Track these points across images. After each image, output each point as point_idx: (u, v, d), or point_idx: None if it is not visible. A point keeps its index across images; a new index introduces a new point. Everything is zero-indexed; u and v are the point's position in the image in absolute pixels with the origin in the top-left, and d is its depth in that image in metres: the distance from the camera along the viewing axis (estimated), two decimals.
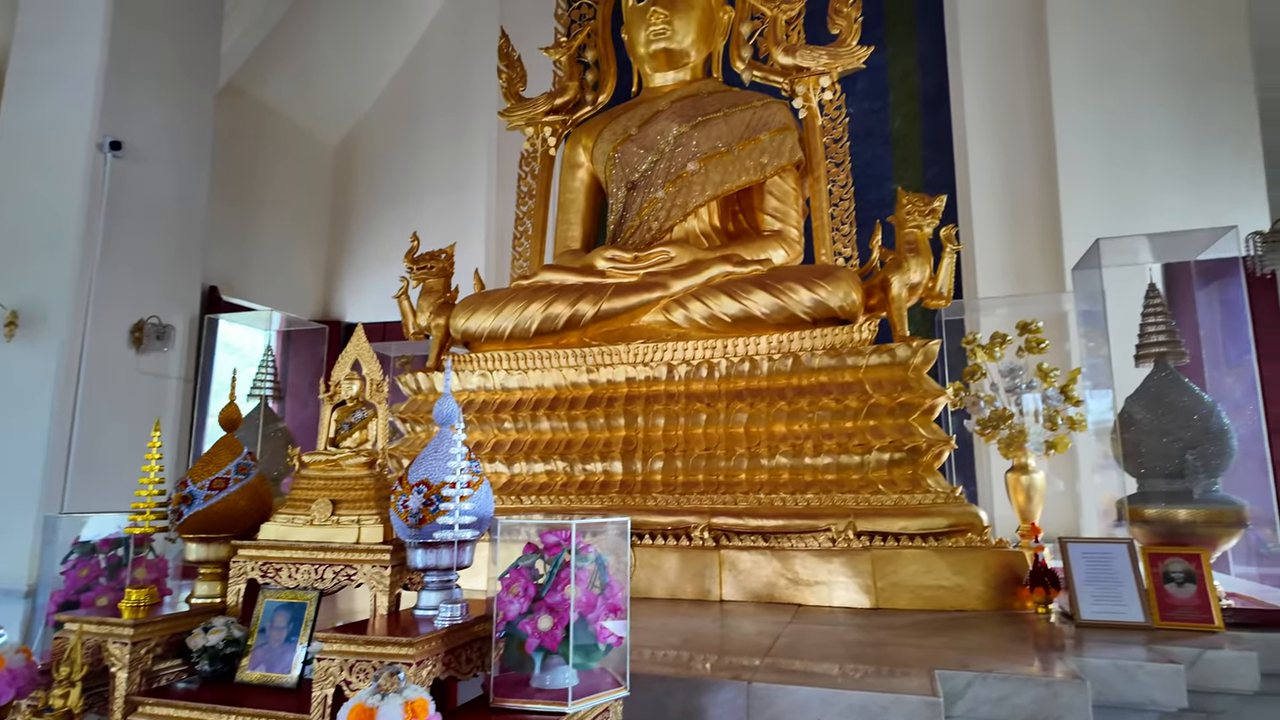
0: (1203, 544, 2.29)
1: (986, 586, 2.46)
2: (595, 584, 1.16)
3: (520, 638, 1.12)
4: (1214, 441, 2.31)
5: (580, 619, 1.13)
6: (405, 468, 1.36)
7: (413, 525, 1.23)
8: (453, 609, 1.19)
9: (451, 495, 1.21)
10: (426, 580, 1.30)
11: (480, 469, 1.35)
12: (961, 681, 1.65)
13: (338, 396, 1.50)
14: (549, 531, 1.18)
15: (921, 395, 2.78)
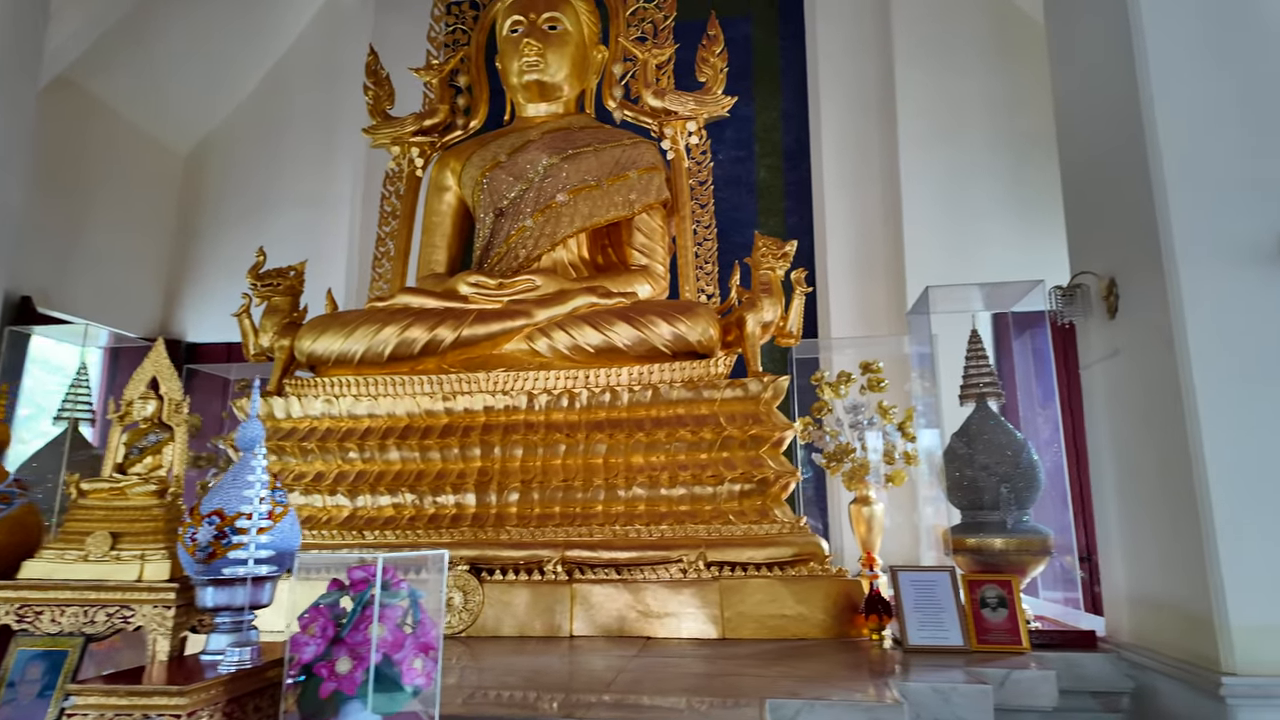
0: (1015, 571, 2.48)
1: (826, 615, 2.53)
2: (406, 622, 1.08)
3: (316, 682, 1.02)
4: (1024, 476, 2.51)
5: (385, 659, 1.04)
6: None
7: (201, 560, 1.10)
8: (241, 652, 1.07)
9: (247, 527, 1.09)
10: (218, 621, 1.16)
11: (285, 499, 1.23)
12: (791, 710, 1.67)
13: (129, 418, 1.34)
14: (356, 567, 1.09)
15: (771, 428, 2.86)
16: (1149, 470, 2.13)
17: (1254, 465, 1.85)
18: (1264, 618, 1.78)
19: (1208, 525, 1.85)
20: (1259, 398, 1.88)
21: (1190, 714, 1.91)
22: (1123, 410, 2.28)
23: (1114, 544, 2.36)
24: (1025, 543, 2.45)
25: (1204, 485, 1.87)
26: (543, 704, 1.70)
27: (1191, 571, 1.91)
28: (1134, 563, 2.24)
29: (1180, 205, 2.01)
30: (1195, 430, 1.91)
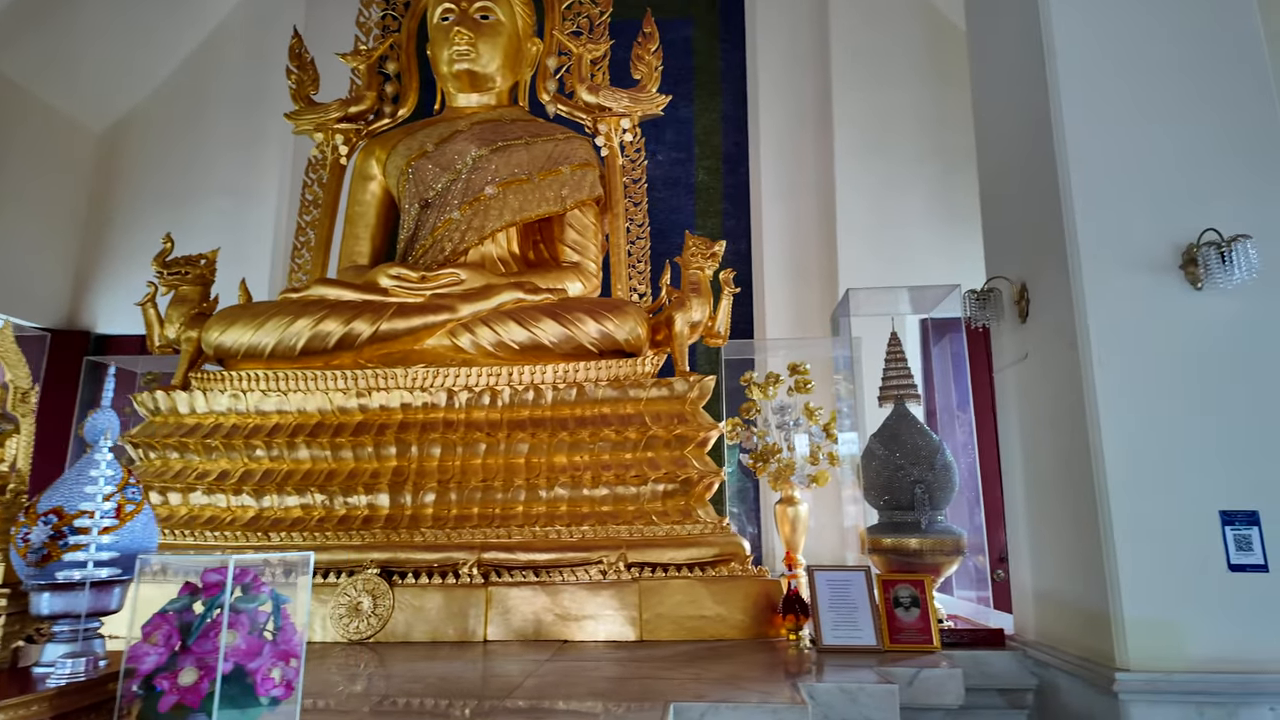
0: (929, 570, 2.51)
1: (745, 615, 2.51)
2: (266, 628, 0.99)
3: (156, 695, 0.93)
4: (939, 477, 2.54)
5: (237, 669, 0.95)
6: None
7: (34, 563, 1.00)
8: (74, 664, 0.97)
9: (89, 527, 0.99)
10: (55, 630, 1.05)
11: (139, 496, 1.13)
12: (696, 713, 1.64)
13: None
14: (211, 569, 1.00)
15: (696, 428, 2.84)
16: (1054, 470, 2.18)
17: (1150, 464, 1.90)
18: (1157, 613, 1.82)
19: (1105, 522, 1.89)
20: (1155, 399, 1.94)
21: (1088, 710, 1.95)
22: (1031, 412, 2.33)
23: (1022, 543, 2.40)
24: (939, 543, 2.47)
25: (1103, 483, 1.92)
26: (452, 711, 1.62)
27: (1090, 569, 1.95)
28: (1039, 561, 2.29)
29: (1086, 212, 2.05)
30: (1095, 430, 1.95)
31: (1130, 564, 1.85)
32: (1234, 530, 1.85)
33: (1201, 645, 1.80)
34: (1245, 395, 1.91)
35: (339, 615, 2.47)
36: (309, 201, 3.87)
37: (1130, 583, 1.84)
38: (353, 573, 2.55)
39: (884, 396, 2.76)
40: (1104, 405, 1.94)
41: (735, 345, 3.85)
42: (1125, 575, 1.85)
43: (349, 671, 2.05)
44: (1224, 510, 1.86)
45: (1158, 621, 1.82)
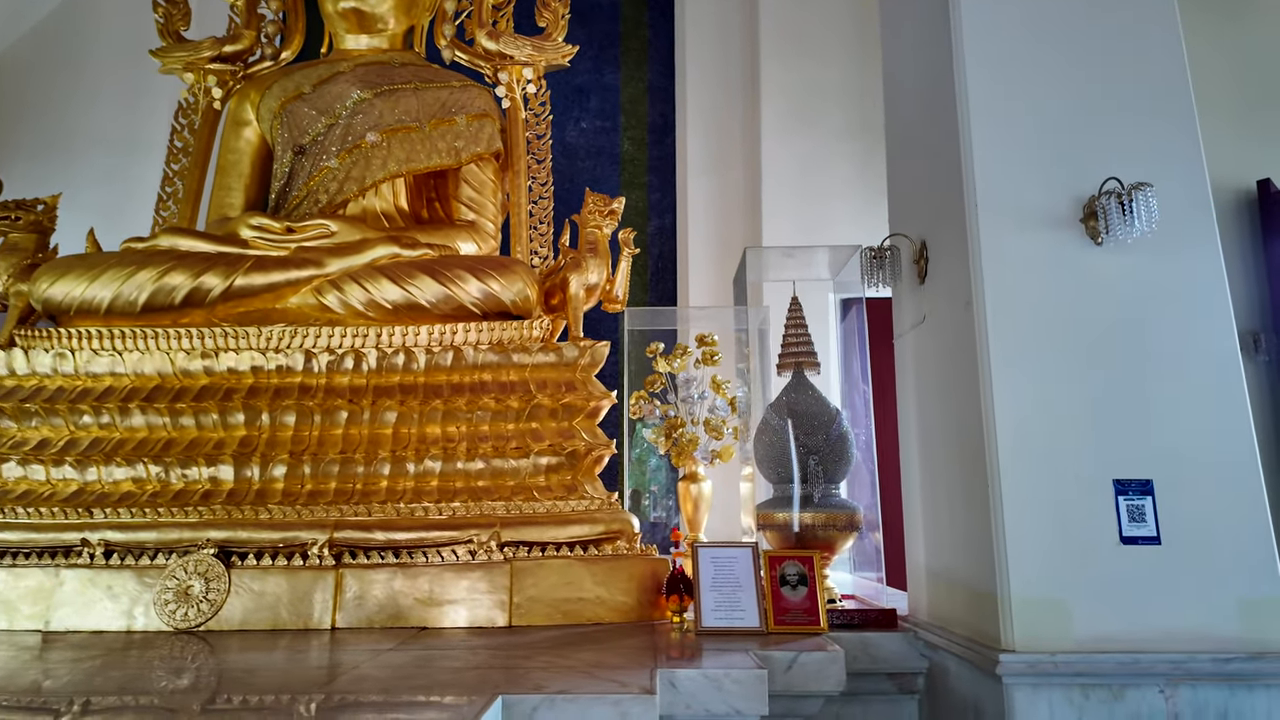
0: (822, 547, 2.35)
1: (629, 597, 2.31)
2: None
3: None
4: (834, 448, 2.38)
5: None
6: None
7: None
8: None
9: None
10: None
11: None
12: (529, 706, 1.42)
13: None
14: None
15: (586, 397, 2.61)
16: (947, 440, 2.04)
17: (1043, 432, 1.77)
18: (1045, 591, 1.69)
19: (995, 495, 1.75)
20: (1050, 362, 1.80)
21: (974, 695, 1.81)
22: (927, 379, 2.19)
23: (917, 519, 2.27)
24: (832, 517, 2.32)
25: (993, 453, 1.77)
26: (230, 706, 1.36)
27: (979, 544, 1.81)
28: (933, 538, 2.15)
29: (985, 167, 1.91)
30: (987, 396, 1.81)
31: (1018, 539, 1.71)
32: (1127, 500, 1.73)
33: (1089, 624, 1.67)
34: (1143, 357, 1.80)
35: (164, 601, 2.17)
36: (177, 149, 3.50)
37: (1018, 559, 1.70)
38: (187, 553, 2.25)
39: (782, 364, 2.59)
40: (997, 368, 1.80)
41: (645, 314, 3.64)
42: (1013, 551, 1.71)
43: (172, 664, 1.77)
44: (1118, 479, 1.74)
45: (1045, 600, 1.69)
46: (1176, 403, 1.77)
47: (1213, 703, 1.62)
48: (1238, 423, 1.77)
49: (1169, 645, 1.65)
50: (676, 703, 1.63)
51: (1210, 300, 1.82)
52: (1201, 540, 1.71)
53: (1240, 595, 1.68)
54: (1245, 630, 1.66)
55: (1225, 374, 1.78)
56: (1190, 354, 1.80)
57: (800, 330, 2.59)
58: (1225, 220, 3.70)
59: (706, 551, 2.23)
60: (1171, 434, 1.76)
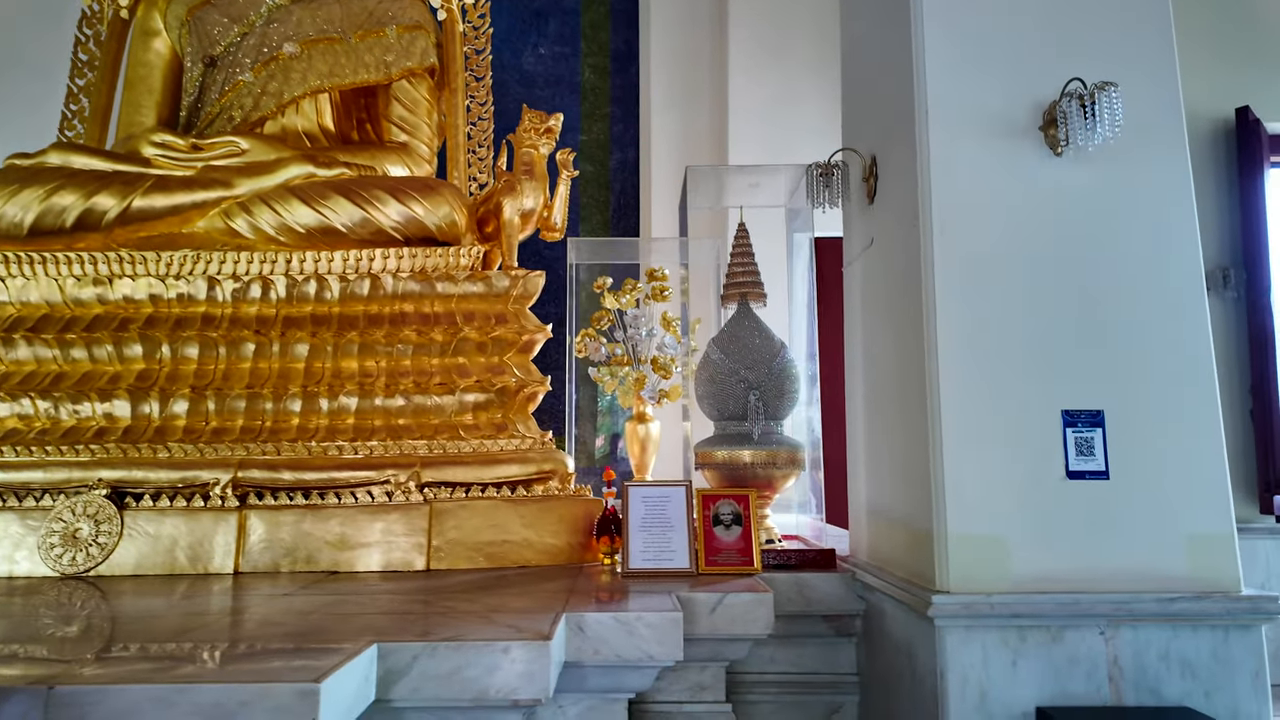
0: (763, 486, 2.23)
1: (558, 539, 2.18)
2: None
3: None
4: (777, 382, 2.24)
5: None
6: None
7: None
8: None
9: None
10: None
11: None
12: (408, 655, 1.28)
13: None
14: None
15: (518, 331, 2.44)
16: (891, 370, 1.89)
17: (989, 358, 1.63)
18: (984, 528, 1.57)
19: (935, 426, 1.62)
20: (1001, 283, 1.65)
21: (907, 637, 1.71)
22: (873, 307, 2.03)
23: (859, 455, 2.14)
24: (772, 455, 2.19)
25: (934, 382, 1.63)
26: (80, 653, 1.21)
27: (918, 480, 1.69)
28: (875, 474, 2.02)
29: (938, 69, 1.73)
30: (930, 320, 1.65)
31: (957, 473, 1.58)
32: (1075, 432, 1.60)
33: (1029, 563, 1.56)
34: (1101, 279, 1.65)
35: (50, 545, 2.00)
36: (82, 63, 3.19)
37: (956, 494, 1.57)
38: (77, 494, 2.08)
39: (727, 295, 2.43)
40: (941, 290, 1.65)
41: (594, 246, 3.44)
42: (951, 485, 1.58)
43: (58, 611, 1.61)
44: (1067, 410, 1.60)
45: (983, 537, 1.57)
46: (1134, 329, 1.63)
47: (1154, 644, 1.52)
48: (1198, 351, 1.64)
49: (1112, 585, 1.54)
50: (584, 648, 1.51)
51: (1176, 218, 1.66)
52: (1152, 476, 1.59)
53: (1189, 532, 1.57)
54: (1192, 569, 1.56)
55: (1188, 299, 1.65)
56: (1152, 277, 1.65)
57: (746, 260, 2.41)
58: (1200, 151, 3.54)
59: (636, 490, 2.09)
60: (1127, 363, 1.63)
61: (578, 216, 5.16)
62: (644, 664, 1.52)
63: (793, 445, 2.24)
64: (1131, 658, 1.52)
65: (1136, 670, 1.52)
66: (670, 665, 1.58)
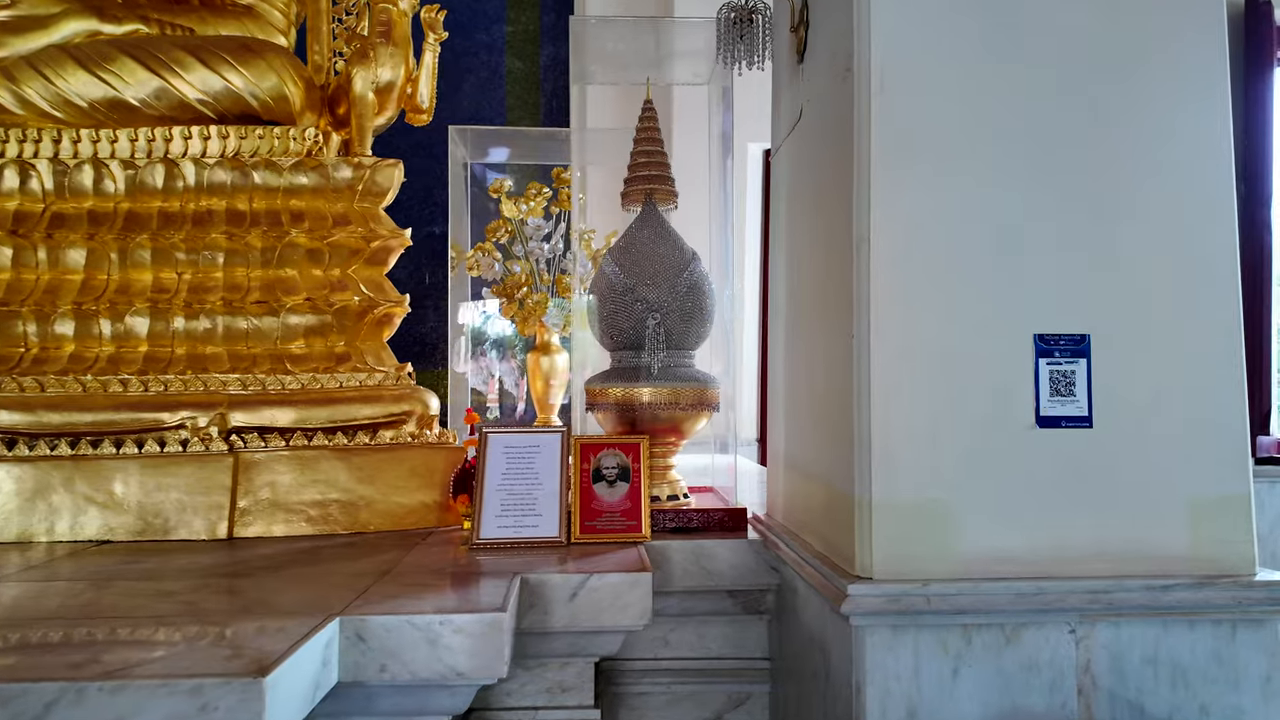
0: (666, 430, 1.81)
1: (407, 497, 1.77)
2: None
3: None
4: (684, 303, 1.79)
5: None
6: None
7: None
8: None
9: None
10: None
11: None
12: (37, 704, 0.83)
13: None
14: None
15: (365, 236, 1.94)
16: (814, 283, 1.45)
17: (935, 264, 1.19)
18: (921, 490, 1.16)
19: (862, 353, 1.18)
20: (957, 161, 1.19)
21: (821, 629, 1.31)
22: (799, 200, 1.57)
23: (779, 393, 1.72)
24: (676, 393, 1.75)
25: (863, 292, 1.19)
26: None
27: (839, 425, 1.26)
28: (791, 414, 1.61)
29: None
30: (862, 210, 1.20)
31: (888, 416, 1.16)
32: (1052, 364, 1.18)
33: (980, 539, 1.16)
34: (1094, 154, 1.20)
35: None
36: None
37: (885, 445, 1.16)
38: None
39: (628, 193, 1.94)
40: (879, 167, 1.18)
41: (486, 137, 2.92)
42: (880, 433, 1.16)
43: None
44: (1041, 335, 1.18)
45: (920, 504, 1.16)
46: (1137, 226, 1.20)
47: (1138, 644, 1.15)
48: (1221, 260, 1.22)
49: (1088, 569, 1.16)
50: (366, 664, 1.08)
51: (1203, 84, 1.21)
52: (1147, 421, 1.19)
53: (1192, 496, 1.18)
54: (1194, 546, 1.17)
55: (1211, 188, 1.22)
56: (1165, 154, 1.21)
57: (652, 149, 1.91)
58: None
59: (497, 439, 1.65)
60: (1125, 273, 1.20)
61: (503, 120, 4.57)
62: (452, 683, 1.10)
63: (701, 381, 1.81)
64: (1108, 662, 1.15)
65: (1114, 678, 1.14)
66: (490, 683, 1.17)
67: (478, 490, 1.59)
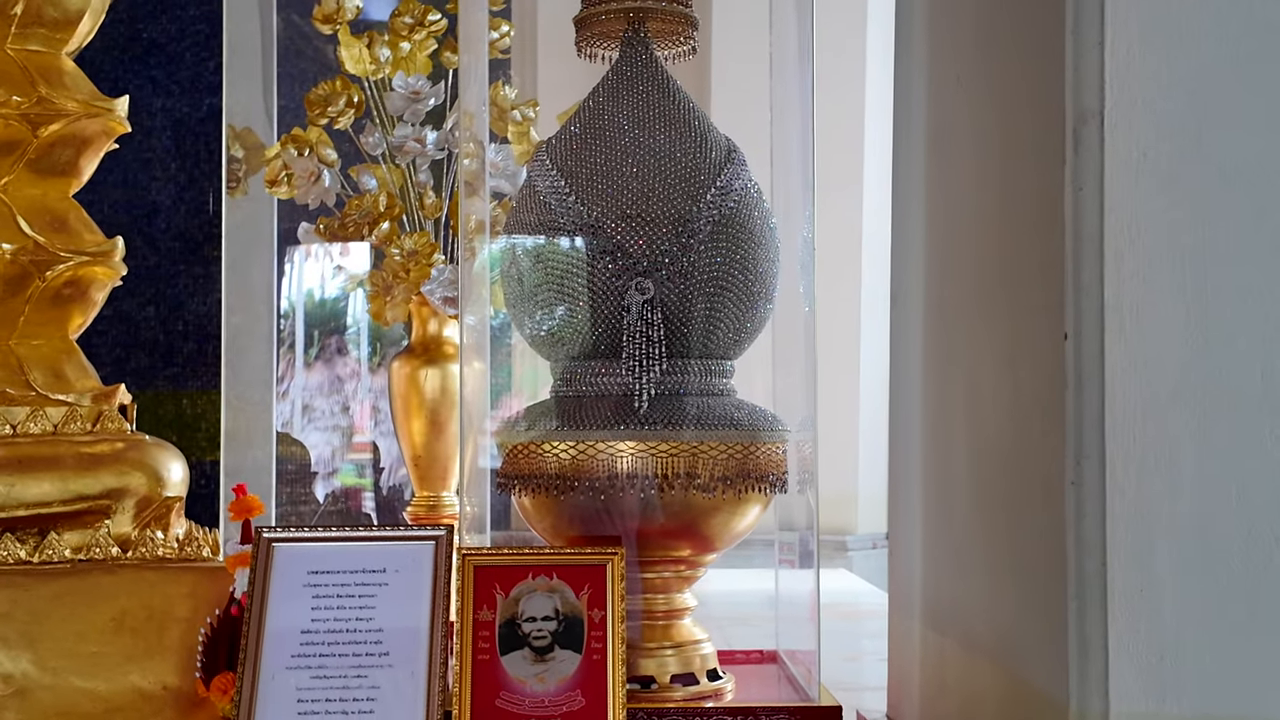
0: (672, 533, 2.00)
1: (108, 679, 1.78)
2: None
3: None
4: (707, 259, 1.93)
5: None
6: None
7: None
8: None
9: None
10: None
11: None
12: None
13: None
14: None
15: (31, 114, 1.97)
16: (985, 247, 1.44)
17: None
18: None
19: (1087, 381, 1.21)
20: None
21: None
22: (947, 62, 1.60)
23: (910, 468, 1.79)
24: (692, 454, 1.82)
25: (1085, 260, 1.21)
26: None
27: (1035, 542, 1.27)
28: (938, 516, 1.59)
29: None
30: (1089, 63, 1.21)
31: (1142, 518, 1.23)
32: None
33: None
34: None
35: None
36: None
37: (1137, 588, 1.21)
38: None
39: (589, 18, 2.07)
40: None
41: None
42: (1125, 564, 1.20)
43: None
44: None
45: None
46: None
47: None
48: None
49: None
50: None
51: None
52: None
53: None
54: None
55: None
56: None
57: None
58: None
59: (294, 554, 1.70)
60: None
61: None
62: None
63: (749, 425, 1.90)
64: None
65: None
66: None
67: (246, 669, 1.56)
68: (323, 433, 3.18)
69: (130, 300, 2.12)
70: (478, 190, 2.42)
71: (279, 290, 2.96)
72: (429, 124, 2.64)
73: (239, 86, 2.94)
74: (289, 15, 2.97)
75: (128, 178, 3.28)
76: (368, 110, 2.67)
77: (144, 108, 3.50)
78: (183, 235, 3.66)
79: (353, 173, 2.67)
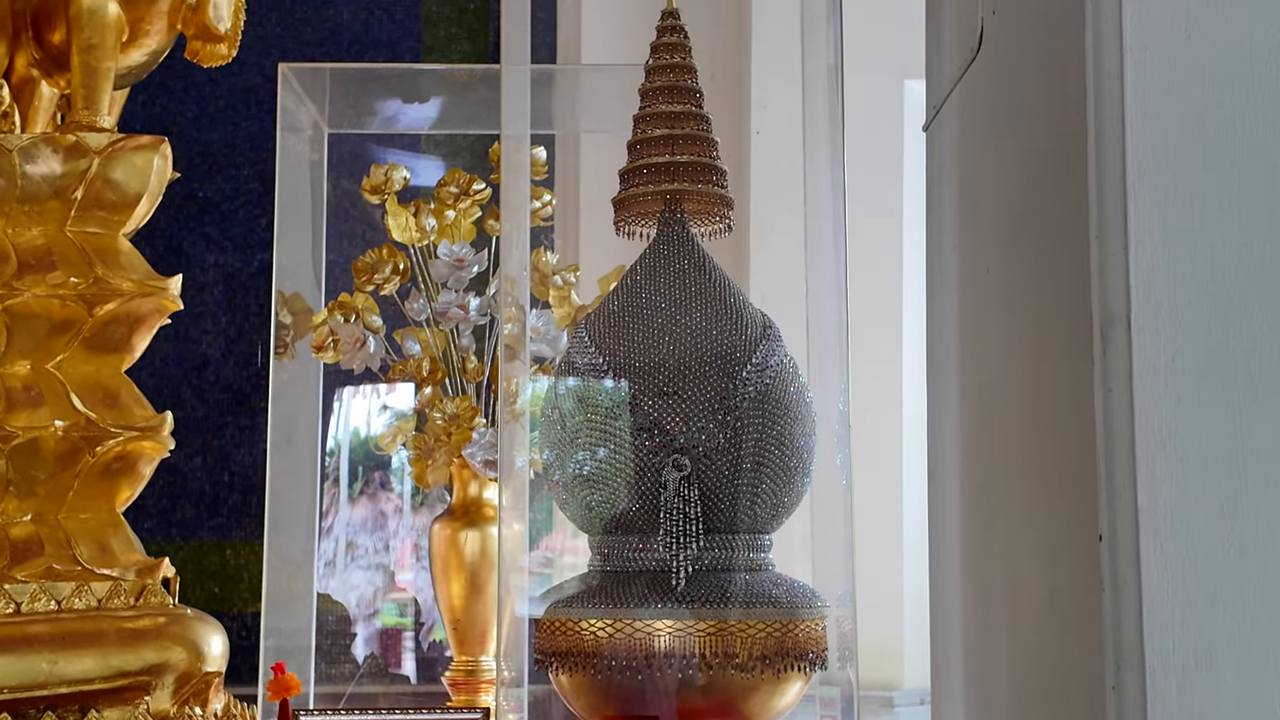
0: (711, 712, 1.83)
1: None
2: None
3: None
4: (744, 436, 1.93)
5: None
6: None
7: None
8: None
9: None
10: None
11: None
12: None
13: None
14: None
15: (87, 294, 2.06)
16: (1016, 421, 1.45)
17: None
18: None
19: (1124, 583, 1.15)
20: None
21: None
22: (978, 233, 1.66)
23: (952, 648, 1.79)
24: (728, 633, 1.82)
25: (1118, 448, 1.15)
26: None
27: None
28: (979, 703, 1.56)
29: None
30: (1113, 248, 1.18)
31: None
32: None
33: None
34: None
35: None
36: None
37: None
38: None
39: (627, 200, 2.11)
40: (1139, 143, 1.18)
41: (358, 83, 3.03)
42: None
43: None
44: None
45: None
46: None
47: None
48: None
49: None
50: None
51: None
52: None
53: None
54: None
55: None
56: None
57: (678, 104, 2.04)
58: None
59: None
60: None
61: (417, 55, 4.86)
62: None
63: (787, 602, 1.93)
64: None
65: None
66: None
67: None
68: (365, 571, 3.18)
69: (178, 451, 2.14)
70: (518, 354, 2.47)
71: (323, 446, 2.98)
72: (472, 289, 2.67)
73: (289, 243, 3.00)
74: (338, 179, 3.05)
75: (179, 331, 3.33)
76: (413, 276, 2.70)
77: (197, 263, 3.62)
78: (231, 387, 3.72)
79: (397, 336, 2.69)
